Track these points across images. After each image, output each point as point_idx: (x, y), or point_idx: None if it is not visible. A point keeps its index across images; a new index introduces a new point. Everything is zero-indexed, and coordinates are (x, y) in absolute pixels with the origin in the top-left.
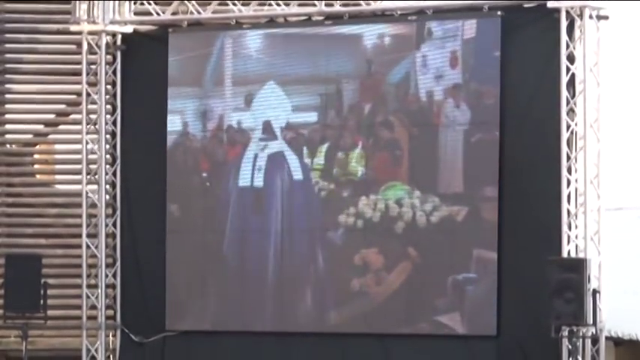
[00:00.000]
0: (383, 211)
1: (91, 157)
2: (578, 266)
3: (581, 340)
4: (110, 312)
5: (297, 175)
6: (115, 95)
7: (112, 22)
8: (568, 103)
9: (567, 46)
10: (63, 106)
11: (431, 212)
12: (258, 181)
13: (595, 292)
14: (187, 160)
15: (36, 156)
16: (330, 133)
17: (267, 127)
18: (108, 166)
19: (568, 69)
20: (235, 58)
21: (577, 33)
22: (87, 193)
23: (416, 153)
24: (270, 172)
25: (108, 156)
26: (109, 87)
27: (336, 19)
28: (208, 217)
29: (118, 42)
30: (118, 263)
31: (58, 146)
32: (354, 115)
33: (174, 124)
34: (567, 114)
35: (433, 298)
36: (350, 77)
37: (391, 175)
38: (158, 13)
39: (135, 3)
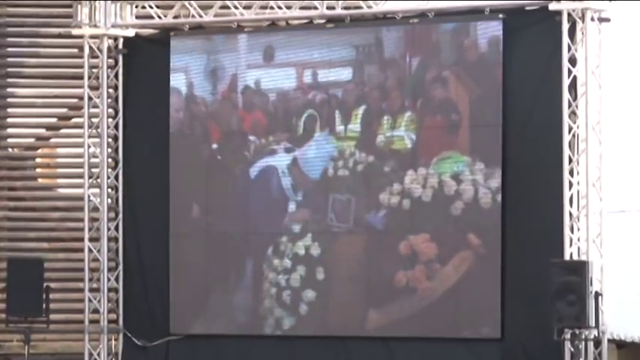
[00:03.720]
0: (436, 188)
1: (93, 160)
2: (580, 269)
3: (583, 342)
4: (112, 316)
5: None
6: (116, 99)
7: (114, 26)
8: (570, 105)
9: (569, 49)
10: (65, 110)
11: (497, 190)
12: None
13: (597, 294)
14: (194, 128)
15: (38, 160)
16: (367, 94)
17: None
18: (110, 170)
19: (570, 71)
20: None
21: (579, 35)
22: (89, 196)
23: (478, 116)
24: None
25: (110, 160)
26: (110, 91)
27: (337, 22)
28: (218, 209)
29: (120, 46)
30: (121, 267)
31: (60, 150)
32: (398, 71)
33: (177, 81)
34: (569, 116)
35: (496, 297)
36: (392, 24)
37: (446, 144)
38: (160, 17)
39: (136, 6)
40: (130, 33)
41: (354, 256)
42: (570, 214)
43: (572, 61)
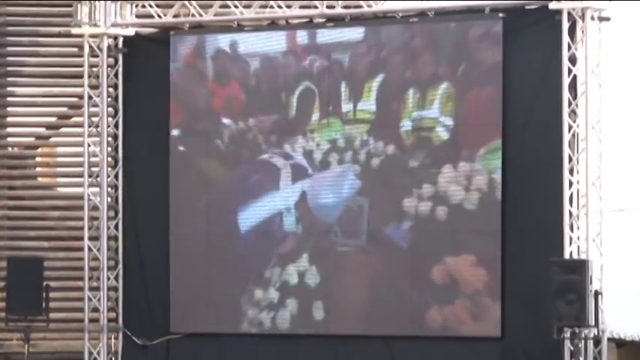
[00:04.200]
0: (484, 191)
1: (92, 159)
2: (580, 268)
3: (583, 341)
4: (112, 315)
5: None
6: (116, 98)
7: (114, 25)
8: (570, 104)
9: (569, 48)
10: (65, 109)
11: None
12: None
13: (597, 293)
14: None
15: (38, 159)
16: (386, 59)
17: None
18: (110, 169)
19: (570, 70)
20: None
21: (579, 34)
22: (89, 195)
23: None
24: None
25: (110, 159)
26: (110, 90)
27: (337, 21)
28: (216, 208)
29: (120, 45)
30: (120, 266)
31: (59, 149)
32: (429, 27)
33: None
34: (569, 115)
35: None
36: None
37: (497, 128)
38: (160, 16)
39: (136, 6)
40: (130, 32)
41: (368, 285)
42: (570, 213)
43: (572, 60)
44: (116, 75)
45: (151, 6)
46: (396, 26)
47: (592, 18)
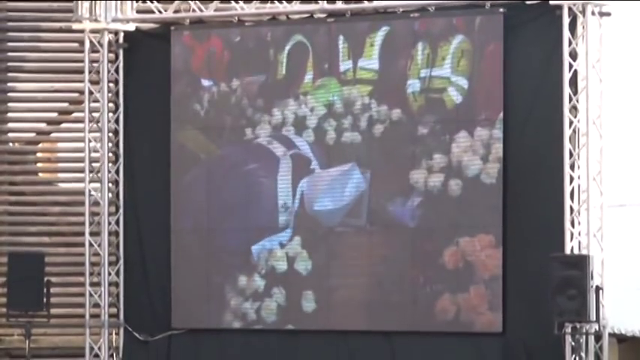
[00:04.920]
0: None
1: (93, 155)
2: (580, 263)
3: (584, 336)
4: (113, 310)
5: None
6: (117, 93)
7: (114, 20)
8: (570, 99)
9: (570, 43)
10: (65, 105)
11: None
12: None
13: (598, 288)
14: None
15: (39, 154)
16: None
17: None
18: (110, 164)
19: (570, 66)
20: None
21: (579, 30)
22: (90, 191)
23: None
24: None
25: (110, 154)
26: (111, 85)
27: (338, 16)
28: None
29: (121, 40)
30: (121, 261)
31: (60, 144)
32: None
33: None
34: (570, 111)
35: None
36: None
37: None
38: (160, 11)
39: (137, 1)
40: (131, 27)
41: (370, 271)
42: (571, 208)
43: (573, 55)
44: (117, 70)
45: (151, 1)
46: None
47: (592, 13)
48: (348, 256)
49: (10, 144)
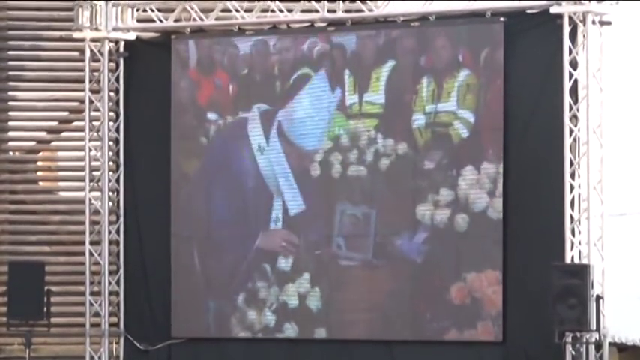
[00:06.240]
0: None
1: (94, 164)
2: (581, 272)
3: (584, 345)
4: (113, 319)
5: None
6: (117, 102)
7: (115, 29)
8: (571, 108)
9: (570, 52)
10: (66, 114)
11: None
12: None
13: (598, 297)
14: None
15: (39, 163)
16: (396, 42)
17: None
18: (111, 173)
19: (571, 75)
20: None
21: (580, 39)
22: (90, 200)
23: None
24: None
25: (111, 163)
26: (111, 94)
27: (338, 25)
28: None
29: (121, 49)
30: (122, 270)
31: (61, 153)
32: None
33: None
34: (570, 120)
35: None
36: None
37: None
38: (161, 20)
39: (138, 10)
40: (131, 36)
41: (376, 305)
42: (571, 217)
43: (573, 64)
44: (117, 79)
45: (152, 10)
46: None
47: (593, 22)
48: (354, 289)
49: (11, 153)
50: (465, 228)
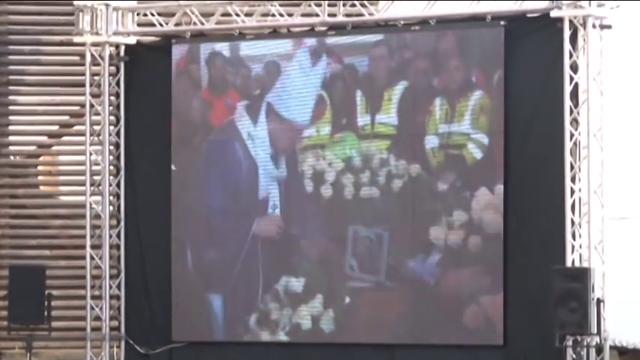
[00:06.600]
0: None
1: (94, 168)
2: (582, 275)
3: (585, 349)
4: (114, 323)
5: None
6: (118, 106)
7: (115, 34)
8: (571, 112)
9: (570, 56)
10: (66, 118)
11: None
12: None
13: (599, 301)
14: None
15: (40, 167)
16: (409, 63)
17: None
18: (112, 177)
19: (571, 78)
20: None
21: (580, 42)
22: (91, 204)
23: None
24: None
25: (112, 167)
26: (112, 98)
27: (339, 29)
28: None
29: (122, 53)
30: (122, 274)
31: (61, 157)
32: (459, 32)
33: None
34: (570, 123)
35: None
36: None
37: None
38: (161, 24)
39: (138, 14)
40: (132, 40)
41: (388, 328)
42: (572, 221)
43: (574, 68)
44: (118, 83)
45: (152, 14)
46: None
47: (593, 26)
48: (366, 312)
49: (11, 157)
50: (479, 249)
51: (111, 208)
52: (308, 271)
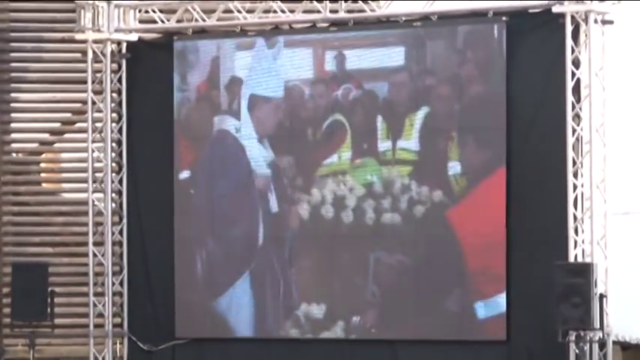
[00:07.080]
0: None
1: (96, 165)
2: (584, 271)
3: (588, 344)
4: (117, 320)
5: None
6: (120, 103)
7: (117, 31)
8: (574, 107)
9: (572, 51)
10: (68, 115)
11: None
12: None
13: (602, 296)
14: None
15: (42, 165)
16: (431, 89)
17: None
18: (114, 174)
19: (573, 74)
20: None
21: (582, 38)
22: (93, 201)
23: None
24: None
25: (114, 164)
26: (114, 95)
27: (340, 25)
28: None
29: (123, 50)
30: (125, 271)
31: (64, 155)
32: (486, 47)
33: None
34: (573, 119)
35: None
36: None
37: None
38: (163, 21)
39: (140, 11)
40: (134, 37)
41: (391, 325)
42: (574, 216)
43: (576, 63)
44: (120, 80)
45: (154, 11)
46: (442, 49)
47: (595, 21)
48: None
49: (14, 154)
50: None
51: (113, 205)
52: (328, 302)
